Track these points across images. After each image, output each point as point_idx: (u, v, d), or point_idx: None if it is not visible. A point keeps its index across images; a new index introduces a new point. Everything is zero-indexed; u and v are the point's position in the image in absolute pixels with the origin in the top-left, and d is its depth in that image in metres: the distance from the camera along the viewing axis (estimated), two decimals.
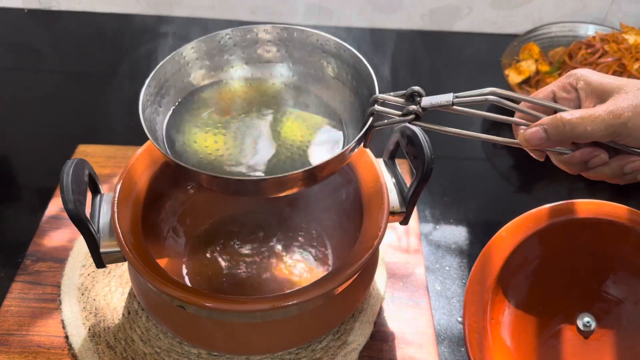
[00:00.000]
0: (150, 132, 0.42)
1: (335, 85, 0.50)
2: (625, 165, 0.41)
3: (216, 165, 0.44)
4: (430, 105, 0.41)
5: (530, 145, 0.41)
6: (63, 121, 0.79)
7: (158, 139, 0.45)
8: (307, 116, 0.48)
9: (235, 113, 0.48)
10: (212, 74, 0.51)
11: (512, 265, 0.52)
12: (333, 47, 0.49)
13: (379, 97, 0.43)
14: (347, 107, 0.49)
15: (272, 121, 0.48)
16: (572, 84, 0.43)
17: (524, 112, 0.42)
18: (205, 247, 0.61)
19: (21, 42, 0.93)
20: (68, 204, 0.42)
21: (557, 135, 0.40)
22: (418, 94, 0.42)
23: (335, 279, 0.45)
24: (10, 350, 0.53)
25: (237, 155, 0.45)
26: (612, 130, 0.38)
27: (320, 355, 0.54)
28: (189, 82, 0.50)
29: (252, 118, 0.48)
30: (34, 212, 0.65)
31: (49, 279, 0.59)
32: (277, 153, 0.45)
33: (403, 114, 0.42)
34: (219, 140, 0.46)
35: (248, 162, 0.45)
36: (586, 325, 0.53)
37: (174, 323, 0.49)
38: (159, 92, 0.47)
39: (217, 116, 0.48)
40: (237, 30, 0.50)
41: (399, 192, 0.52)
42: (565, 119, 0.39)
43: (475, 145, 0.79)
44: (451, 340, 0.57)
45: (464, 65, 0.93)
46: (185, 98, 0.49)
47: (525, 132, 0.41)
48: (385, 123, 0.42)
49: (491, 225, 0.55)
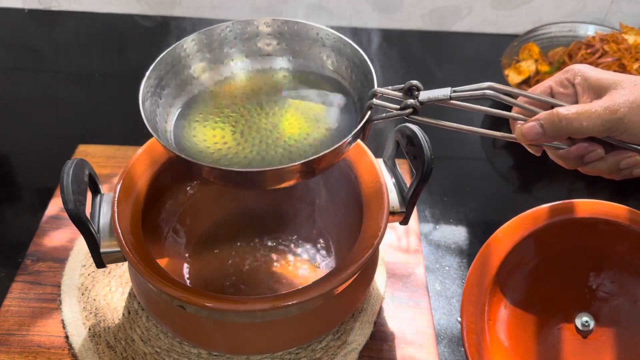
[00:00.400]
0: (150, 123, 0.42)
1: (334, 79, 0.50)
2: (621, 160, 0.41)
3: (215, 158, 0.44)
4: (428, 99, 0.41)
5: (527, 139, 0.41)
6: (63, 121, 0.79)
7: (158, 130, 0.45)
8: (306, 109, 0.48)
9: (235, 106, 0.49)
10: (213, 66, 0.51)
11: (510, 266, 0.52)
12: (333, 41, 0.49)
13: (377, 90, 0.43)
14: (345, 101, 0.49)
15: (271, 114, 0.48)
16: (570, 79, 0.43)
17: (521, 107, 0.42)
18: (205, 247, 0.61)
19: (21, 42, 0.93)
20: (68, 204, 0.42)
21: (553, 131, 0.40)
22: (416, 88, 0.42)
23: (335, 279, 0.45)
24: (10, 350, 0.53)
25: (236, 147, 0.45)
26: (608, 125, 0.38)
27: (320, 355, 0.54)
28: (189, 75, 0.50)
29: (251, 111, 0.48)
30: (34, 212, 0.65)
31: (49, 279, 0.59)
32: (276, 145, 0.45)
33: (401, 107, 0.42)
34: (217, 135, 0.46)
35: (247, 155, 0.45)
36: (585, 324, 0.54)
37: (174, 323, 0.49)
38: (159, 84, 0.47)
39: (217, 109, 0.48)
40: (238, 23, 0.50)
41: (399, 192, 0.53)
42: (561, 114, 0.39)
43: (475, 145, 0.79)
44: (451, 340, 0.57)
45: (463, 65, 0.93)
46: (186, 91, 0.49)
47: (521, 127, 0.41)
48: (384, 117, 0.43)
49: (491, 225, 0.55)
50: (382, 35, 0.95)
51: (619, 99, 0.38)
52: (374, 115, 0.43)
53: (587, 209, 0.53)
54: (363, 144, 0.55)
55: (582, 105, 0.40)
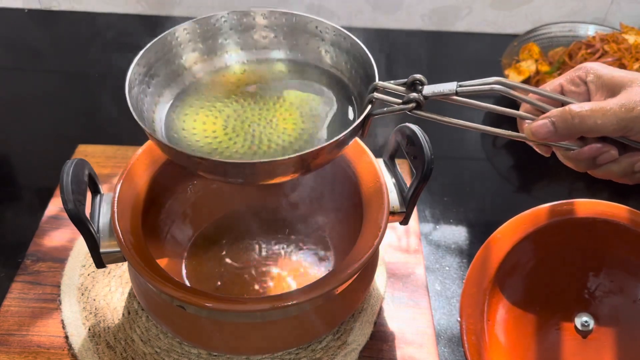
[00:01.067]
0: (136, 111, 0.41)
1: (333, 74, 0.49)
2: (636, 162, 0.39)
3: (205, 152, 0.43)
4: (433, 93, 0.40)
5: (537, 138, 0.39)
6: (63, 121, 0.79)
7: (145, 120, 0.43)
8: (302, 104, 0.47)
9: (227, 100, 0.47)
10: (205, 57, 0.49)
11: (508, 266, 0.52)
12: (332, 34, 0.48)
13: (379, 84, 0.41)
14: (345, 96, 0.47)
15: (265, 109, 0.46)
16: (582, 77, 0.41)
17: (531, 103, 0.41)
18: (205, 247, 0.61)
19: (21, 42, 0.93)
20: (68, 204, 0.42)
21: (566, 129, 0.38)
22: (420, 82, 0.40)
23: (335, 279, 0.45)
24: (10, 350, 0.53)
25: (227, 142, 0.44)
26: (624, 124, 0.37)
27: (320, 355, 0.54)
28: (180, 65, 0.48)
29: (244, 105, 0.46)
30: (34, 212, 0.65)
31: (49, 279, 0.59)
32: (269, 140, 0.44)
33: (404, 101, 0.40)
34: (207, 129, 0.45)
35: (238, 149, 0.43)
36: (584, 324, 0.53)
37: (174, 323, 0.49)
38: (148, 72, 0.45)
39: (208, 102, 0.47)
40: (234, 13, 0.49)
41: (399, 192, 0.52)
42: (574, 111, 0.38)
43: (475, 145, 0.79)
44: (451, 340, 0.57)
45: (463, 65, 0.93)
46: (176, 81, 0.48)
47: (531, 124, 0.40)
48: (385, 111, 0.41)
49: (491, 225, 0.55)
50: (382, 35, 0.95)
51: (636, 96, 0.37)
52: (374, 110, 0.41)
53: (586, 209, 0.53)
54: (363, 144, 0.55)
55: (597, 102, 0.38)
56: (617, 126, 0.37)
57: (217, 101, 0.47)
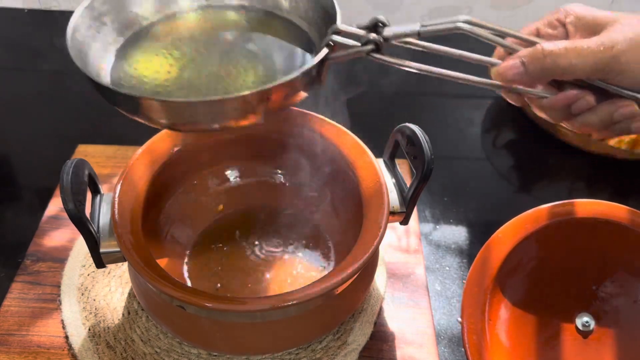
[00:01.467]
0: (77, 52, 0.38)
1: (292, 20, 0.46)
2: (615, 111, 0.35)
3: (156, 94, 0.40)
4: (394, 34, 0.37)
5: (505, 80, 0.36)
6: (63, 121, 0.79)
7: (88, 64, 0.41)
8: (262, 52, 0.44)
9: (182, 49, 0.44)
10: (159, 3, 0.47)
11: (510, 266, 0.52)
12: None
13: (338, 27, 0.38)
14: (305, 43, 0.45)
15: (220, 58, 0.43)
16: (561, 19, 0.38)
17: (502, 44, 0.37)
18: (205, 247, 0.61)
19: (21, 42, 0.93)
20: (68, 204, 0.42)
21: (537, 70, 0.35)
22: (382, 23, 0.38)
23: (335, 279, 0.45)
24: (10, 350, 0.53)
25: (180, 92, 0.40)
26: (601, 65, 0.33)
27: (320, 355, 0.54)
28: (132, 11, 0.45)
29: (201, 53, 0.44)
30: (34, 212, 0.65)
31: (49, 279, 0.59)
32: (226, 90, 0.40)
33: (362, 43, 0.37)
34: (159, 78, 0.41)
35: (193, 94, 0.40)
36: (585, 325, 0.53)
37: (174, 323, 0.49)
38: (97, 17, 0.43)
39: (163, 50, 0.44)
40: None
41: (399, 192, 0.52)
42: (547, 49, 0.34)
43: (475, 145, 0.79)
44: (451, 340, 0.57)
45: (463, 65, 0.93)
46: (128, 28, 0.45)
47: (499, 65, 0.36)
48: (341, 55, 0.38)
49: (491, 225, 0.55)
50: None
51: (616, 35, 0.33)
52: (332, 54, 0.38)
53: (587, 209, 0.53)
54: (363, 144, 0.55)
55: (572, 41, 0.34)
56: (594, 67, 0.33)
57: (173, 49, 0.44)
